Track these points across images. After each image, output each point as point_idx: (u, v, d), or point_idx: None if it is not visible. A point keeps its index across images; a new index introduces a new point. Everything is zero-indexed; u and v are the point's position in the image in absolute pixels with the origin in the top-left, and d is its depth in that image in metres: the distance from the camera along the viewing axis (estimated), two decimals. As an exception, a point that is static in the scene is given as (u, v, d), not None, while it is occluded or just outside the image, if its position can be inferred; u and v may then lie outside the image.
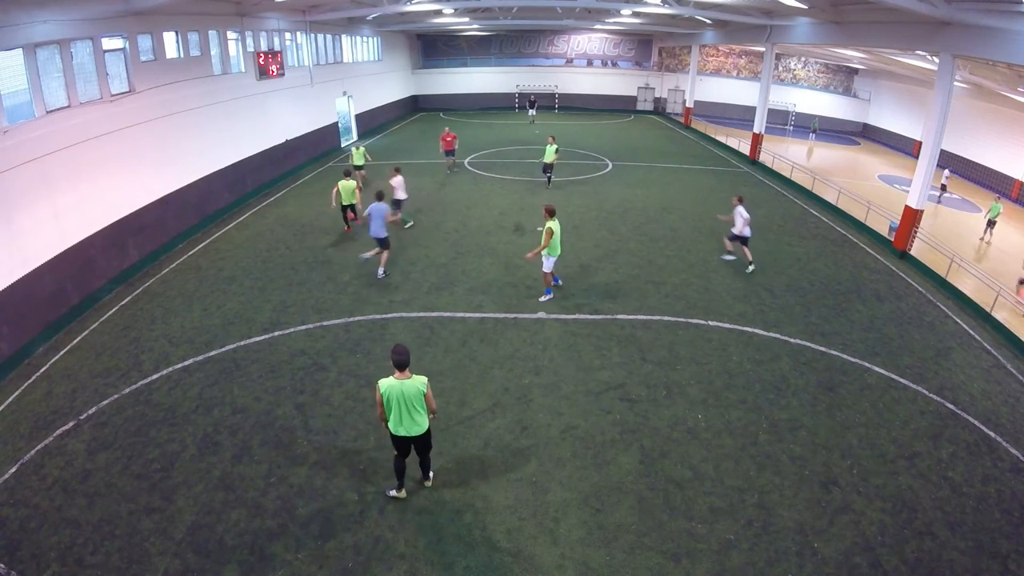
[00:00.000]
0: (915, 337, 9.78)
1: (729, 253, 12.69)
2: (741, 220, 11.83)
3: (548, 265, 10.17)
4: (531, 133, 28.89)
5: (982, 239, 15.90)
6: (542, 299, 10.47)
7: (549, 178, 18.39)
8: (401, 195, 13.85)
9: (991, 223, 15.82)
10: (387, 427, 5.66)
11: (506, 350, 8.87)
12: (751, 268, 12.05)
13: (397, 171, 13.85)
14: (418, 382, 5.47)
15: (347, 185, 13.41)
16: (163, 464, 6.54)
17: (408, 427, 5.55)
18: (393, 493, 6.06)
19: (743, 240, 12.06)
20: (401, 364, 5.38)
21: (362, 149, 18.16)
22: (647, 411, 7.53)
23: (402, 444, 5.72)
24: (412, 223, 14.34)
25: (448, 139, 19.56)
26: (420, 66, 38.43)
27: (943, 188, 20.74)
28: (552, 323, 9.70)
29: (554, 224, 9.73)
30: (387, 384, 5.43)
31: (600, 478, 6.40)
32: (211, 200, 15.02)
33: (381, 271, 11.30)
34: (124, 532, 5.65)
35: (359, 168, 17.83)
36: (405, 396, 5.43)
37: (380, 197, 11.04)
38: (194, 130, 14.33)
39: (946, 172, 21.21)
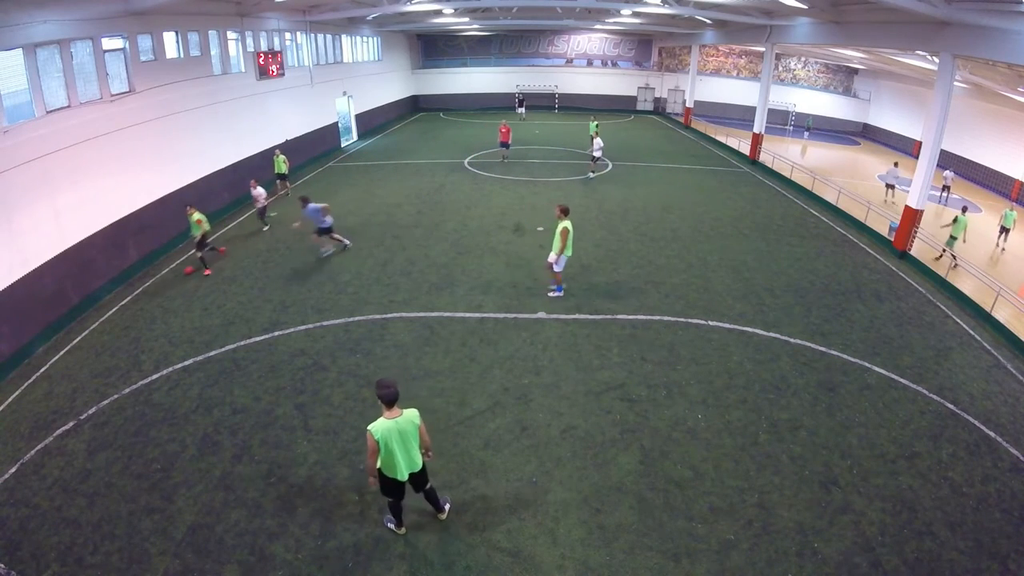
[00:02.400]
0: (915, 337, 9.77)
1: (592, 172, 19.62)
2: (595, 146, 19.49)
3: (560, 265, 10.17)
4: (531, 133, 28.87)
5: (997, 246, 15.38)
6: (551, 295, 10.54)
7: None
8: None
9: (1004, 230, 15.18)
10: (379, 476, 5.14)
11: (506, 350, 8.87)
12: (590, 176, 19.49)
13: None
14: (412, 416, 5.01)
15: (203, 215, 11.41)
16: (163, 464, 6.54)
17: (410, 466, 5.14)
18: (392, 527, 5.67)
19: (597, 159, 19.70)
20: (390, 399, 4.81)
21: (282, 157, 17.22)
22: (647, 411, 7.53)
23: (398, 489, 5.26)
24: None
25: (504, 131, 21.83)
26: (420, 66, 38.43)
27: (946, 189, 20.59)
28: (552, 323, 9.70)
29: (568, 224, 9.76)
30: (382, 428, 4.84)
31: (600, 478, 6.40)
32: (211, 200, 15.00)
33: (328, 250, 12.68)
34: (124, 532, 5.65)
35: (282, 177, 17.26)
36: (403, 437, 4.95)
37: (306, 201, 12.21)
38: (194, 130, 14.33)
39: (948, 173, 20.94)
